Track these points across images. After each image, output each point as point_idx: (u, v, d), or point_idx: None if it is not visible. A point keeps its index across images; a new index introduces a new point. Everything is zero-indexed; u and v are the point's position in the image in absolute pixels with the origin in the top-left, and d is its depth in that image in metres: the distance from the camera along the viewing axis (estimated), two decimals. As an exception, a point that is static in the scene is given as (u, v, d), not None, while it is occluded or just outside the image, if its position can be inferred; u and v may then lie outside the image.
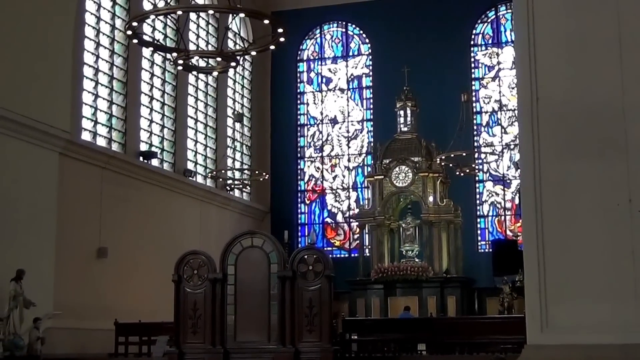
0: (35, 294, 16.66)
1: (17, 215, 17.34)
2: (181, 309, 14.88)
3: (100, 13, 22.25)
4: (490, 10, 29.24)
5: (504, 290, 21.98)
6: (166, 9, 14.69)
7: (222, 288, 14.72)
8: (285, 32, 12.81)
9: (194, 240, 21.06)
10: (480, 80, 29.43)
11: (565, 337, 5.89)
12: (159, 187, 23.62)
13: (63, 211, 18.93)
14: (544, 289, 6.04)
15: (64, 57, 19.37)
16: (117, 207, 21.24)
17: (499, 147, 28.69)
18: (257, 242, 14.91)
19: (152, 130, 24.42)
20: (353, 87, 30.76)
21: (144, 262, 21.30)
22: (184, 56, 13.81)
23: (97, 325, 18.47)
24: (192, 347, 14.69)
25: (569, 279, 6.01)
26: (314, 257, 14.64)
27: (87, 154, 20.51)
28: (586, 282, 5.98)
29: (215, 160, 27.79)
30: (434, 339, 17.19)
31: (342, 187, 30.29)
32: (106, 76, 22.41)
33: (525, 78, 6.33)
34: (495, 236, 28.03)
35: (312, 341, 14.15)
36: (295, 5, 29.61)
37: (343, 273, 22.58)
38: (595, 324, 5.86)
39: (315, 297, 14.28)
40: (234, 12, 13.77)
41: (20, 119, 17.50)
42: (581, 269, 6.00)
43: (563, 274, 6.03)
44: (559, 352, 5.87)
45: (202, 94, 27.58)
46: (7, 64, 17.35)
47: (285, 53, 28.24)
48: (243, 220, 27.75)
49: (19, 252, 16.95)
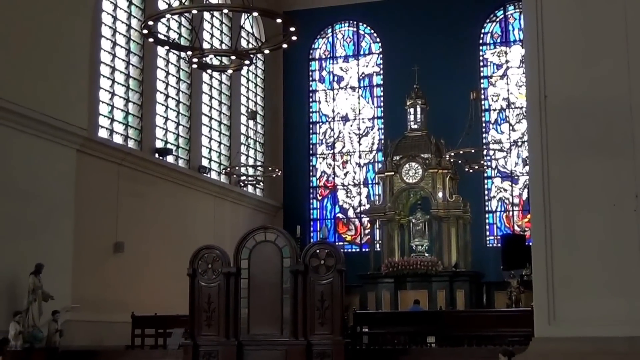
0: (54, 288, 16.75)
1: (36, 210, 17.41)
2: (196, 302, 14.93)
3: (116, 13, 22.31)
4: (499, 9, 29.19)
5: (512, 284, 21.94)
6: (181, 9, 14.70)
7: (236, 282, 14.76)
8: (297, 31, 12.81)
9: (208, 235, 21.10)
10: (489, 78, 29.38)
11: (572, 330, 5.90)
12: (174, 183, 23.68)
13: (81, 207, 19.00)
14: (552, 283, 6.04)
15: (81, 56, 19.44)
16: (133, 202, 21.31)
17: (507, 144, 28.65)
18: (270, 237, 14.95)
19: (167, 128, 24.48)
20: (364, 86, 30.75)
21: (160, 256, 21.36)
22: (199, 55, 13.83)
23: (114, 318, 18.55)
24: (207, 339, 14.74)
25: (576, 273, 6.01)
26: (325, 251, 14.66)
27: (104, 151, 20.58)
28: (593, 276, 5.98)
29: (229, 157, 27.82)
30: (443, 331, 17.18)
31: (354, 183, 30.30)
32: (122, 74, 22.47)
33: (534, 76, 6.33)
34: (504, 231, 27.98)
35: (324, 334, 14.17)
36: (307, 5, 29.62)
37: (354, 267, 22.60)
38: (602, 317, 5.86)
39: (327, 291, 14.30)
40: (248, 12, 13.77)
41: (39, 116, 17.57)
42: (588, 263, 6.00)
43: (570, 268, 6.03)
44: (567, 345, 5.87)
45: (217, 91, 27.63)
46: (25, 63, 17.42)
47: (298, 52, 28.27)
48: (256, 215, 27.78)
49: (37, 246, 17.03)
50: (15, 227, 16.73)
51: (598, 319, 5.88)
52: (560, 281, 6.04)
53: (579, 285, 6.02)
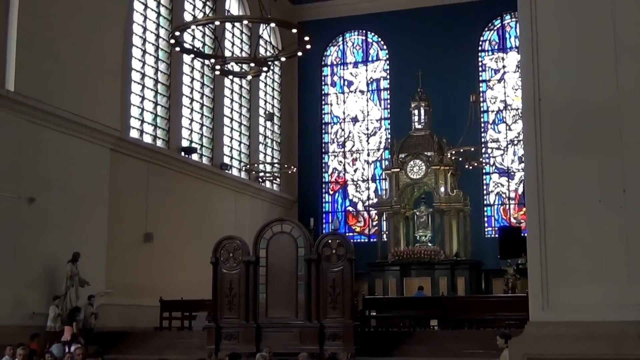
0: (90, 274, 16.86)
1: (73, 204, 17.50)
2: (218, 288, 14.98)
3: (146, 24, 22.34)
4: (496, 18, 29.06)
5: (509, 272, 21.85)
6: (205, 20, 14.70)
7: (255, 269, 14.80)
8: (311, 40, 12.79)
9: (229, 227, 21.12)
10: (487, 82, 29.27)
11: (565, 314, 5.85)
12: (199, 179, 23.73)
13: (114, 200, 19.08)
14: (546, 271, 6.00)
15: (114, 64, 19.50)
16: (162, 196, 21.37)
17: (504, 143, 28.55)
18: (286, 228, 14.98)
19: (192, 128, 24.51)
20: (372, 89, 30.70)
21: (185, 246, 21.41)
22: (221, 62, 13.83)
23: (144, 302, 18.62)
24: (228, 322, 14.79)
25: (568, 262, 5.96)
26: (337, 241, 14.68)
27: (135, 150, 20.64)
28: (584, 265, 5.93)
29: (248, 155, 27.85)
30: (445, 315, 17.15)
31: (362, 179, 30.27)
32: (152, 80, 22.51)
33: (529, 80, 6.28)
34: (501, 223, 27.89)
35: (335, 317, 14.19)
36: (320, 16, 29.60)
37: (363, 256, 22.55)
38: (592, 303, 5.81)
39: (338, 278, 14.31)
40: (266, 22, 13.77)
41: (77, 118, 17.68)
42: (579, 253, 5.95)
43: (563, 257, 5.98)
44: (559, 329, 5.83)
45: (237, 95, 27.64)
46: (65, 71, 17.51)
47: (311, 58, 28.23)
48: (273, 208, 27.79)
49: (74, 236, 17.12)
50: (55, 219, 16.84)
51: (588, 305, 5.83)
52: (553, 269, 6.00)
53: (570, 273, 5.97)
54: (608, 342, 5.67)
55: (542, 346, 5.89)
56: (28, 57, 16.47)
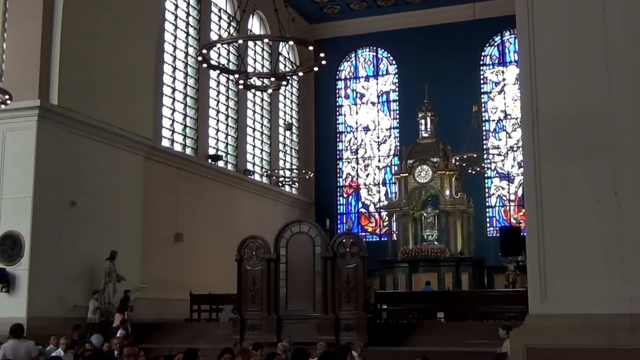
0: (126, 271, 16.92)
1: (111, 207, 17.59)
2: (242, 283, 15.00)
3: (176, 43, 22.47)
4: (496, 35, 28.97)
5: (509, 268, 21.73)
6: (229, 39, 14.73)
7: (276, 266, 14.80)
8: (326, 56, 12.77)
9: (252, 227, 21.15)
10: (488, 93, 29.18)
11: (561, 307, 5.81)
12: (224, 184, 23.80)
13: (147, 204, 19.16)
14: (544, 268, 5.96)
15: (147, 79, 19.60)
16: (191, 200, 21.44)
17: (505, 149, 28.44)
18: (304, 228, 14.99)
19: (218, 137, 24.60)
20: (382, 101, 30.69)
21: (212, 244, 21.46)
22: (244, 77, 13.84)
23: (175, 296, 18.66)
24: (252, 314, 14.80)
25: (564, 259, 5.92)
26: (350, 241, 14.66)
27: (166, 157, 20.72)
28: (579, 261, 5.89)
29: (269, 162, 27.90)
30: (450, 308, 17.07)
31: (374, 183, 30.25)
32: (181, 94, 22.62)
33: (527, 91, 6.25)
34: (502, 223, 27.76)
35: (350, 310, 14.17)
36: (334, 34, 29.65)
37: (375, 254, 22.51)
38: (587, 296, 5.76)
39: (352, 274, 14.29)
40: (285, 41, 13.77)
41: (113, 129, 17.77)
42: (575, 250, 5.91)
43: (559, 254, 5.94)
44: (557, 320, 5.79)
45: (259, 107, 27.71)
46: (103, 86, 17.61)
47: (326, 73, 28.27)
48: (292, 210, 27.81)
49: (112, 236, 17.20)
50: (94, 221, 16.92)
51: (584, 298, 5.79)
52: (550, 266, 5.96)
53: (566, 269, 5.93)
54: (602, 333, 5.63)
55: (540, 337, 5.85)
56: (70, 73, 16.57)
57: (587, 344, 5.67)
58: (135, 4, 18.43)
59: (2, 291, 15.38)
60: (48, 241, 15.77)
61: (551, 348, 5.80)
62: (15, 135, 15.96)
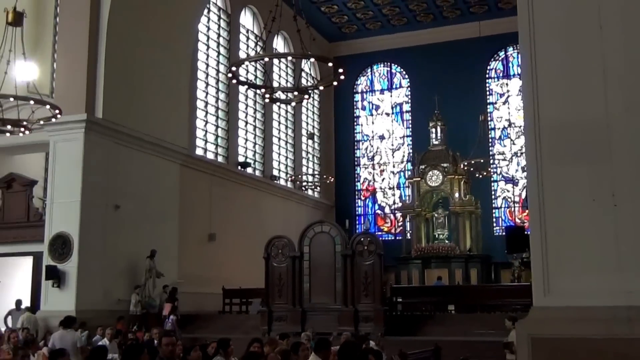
0: (164, 268, 17.02)
1: (151, 210, 17.72)
2: (270, 279, 15.04)
3: (208, 61, 22.61)
4: (500, 50, 28.77)
5: (515, 264, 21.55)
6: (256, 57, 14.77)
7: (300, 263, 14.83)
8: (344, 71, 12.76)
9: (278, 228, 21.19)
10: (494, 104, 28.97)
11: (563, 300, 5.76)
12: (253, 188, 23.87)
13: (183, 207, 19.26)
14: (546, 264, 5.91)
15: (182, 94, 19.72)
16: (222, 203, 21.52)
17: (509, 155, 28.22)
18: (325, 228, 15.00)
19: (247, 146, 24.69)
20: (396, 112, 30.60)
21: (242, 243, 21.50)
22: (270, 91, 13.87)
23: (209, 290, 18.71)
24: (278, 306, 14.83)
25: (566, 255, 5.87)
26: (368, 239, 14.65)
27: (200, 165, 20.83)
28: (579, 257, 5.83)
29: (293, 168, 27.93)
30: (460, 301, 16.98)
31: (389, 186, 30.15)
32: (213, 107, 22.75)
33: (530, 102, 6.22)
34: (507, 223, 27.52)
35: (368, 303, 14.15)
36: (352, 51, 29.66)
37: (390, 251, 22.39)
38: (587, 290, 5.71)
39: (369, 270, 14.27)
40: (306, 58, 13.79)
41: (152, 139, 17.89)
42: (575, 247, 5.86)
43: (561, 251, 5.89)
44: (559, 312, 5.74)
45: (284, 118, 27.78)
46: (142, 101, 17.75)
47: (345, 87, 28.25)
48: (314, 212, 27.82)
49: (152, 236, 17.31)
50: (136, 223, 17.04)
51: (584, 292, 5.73)
52: (553, 261, 5.91)
53: (568, 264, 5.87)
54: (601, 324, 5.57)
55: (544, 327, 5.81)
56: (113, 90, 16.73)
57: (588, 334, 5.61)
58: (171, 27, 18.56)
59: (53, 286, 15.55)
60: (94, 241, 15.92)
61: (554, 338, 5.75)
62: (65, 146, 16.15)
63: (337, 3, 26.99)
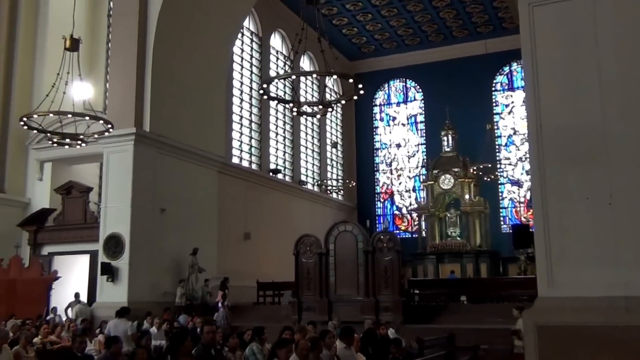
0: (205, 264, 17.09)
1: (193, 212, 17.83)
2: (299, 273, 15.06)
3: (242, 79, 22.77)
4: (505, 65, 28.52)
5: (521, 259, 21.30)
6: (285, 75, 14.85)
7: (326, 259, 14.82)
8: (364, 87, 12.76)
9: (306, 227, 21.19)
10: (500, 114, 28.70)
11: (565, 291, 5.70)
12: (283, 192, 23.93)
13: (221, 209, 19.35)
14: (550, 258, 5.85)
15: (220, 108, 19.83)
16: (256, 206, 21.60)
17: (514, 160, 27.93)
18: (349, 228, 14.98)
19: (277, 154, 24.78)
20: (411, 122, 30.47)
21: (275, 241, 21.54)
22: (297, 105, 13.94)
23: (245, 284, 18.75)
24: (307, 298, 14.84)
25: (567, 250, 5.81)
26: (387, 237, 14.60)
27: (236, 171, 20.93)
28: (580, 252, 5.77)
29: (319, 173, 27.97)
30: (472, 292, 16.81)
31: (405, 189, 30.02)
32: (247, 120, 22.89)
33: (532, 111, 6.18)
34: (513, 221, 27.21)
35: (387, 294, 14.09)
36: (370, 69, 29.67)
37: (407, 248, 22.34)
38: (587, 281, 5.64)
39: (388, 265, 14.22)
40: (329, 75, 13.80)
41: (193, 149, 18.00)
42: (576, 243, 5.79)
43: (563, 246, 5.83)
44: (561, 302, 5.68)
45: (310, 129, 27.84)
46: (184, 115, 17.90)
47: (365, 100, 28.28)
48: (338, 213, 27.80)
49: (194, 236, 17.41)
50: (179, 224, 17.16)
51: (584, 283, 5.66)
52: (555, 256, 5.85)
53: (569, 258, 5.81)
54: (601, 312, 5.50)
55: (548, 316, 5.75)
56: (158, 106, 16.88)
57: (588, 322, 5.55)
58: (209, 49, 18.72)
59: (107, 281, 15.73)
60: (143, 240, 16.06)
61: (558, 325, 5.69)
62: (116, 156, 16.33)
63: (356, 26, 27.02)
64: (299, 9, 11.40)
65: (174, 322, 13.11)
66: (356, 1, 24.81)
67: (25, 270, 16.48)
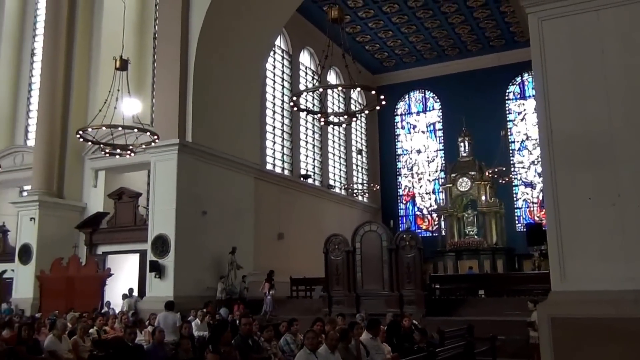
0: (243, 261, 17.20)
1: (231, 215, 17.96)
2: (329, 269, 15.05)
3: (275, 93, 22.92)
4: (517, 76, 28.15)
5: (535, 255, 20.92)
6: (313, 89, 14.96)
7: (353, 257, 14.79)
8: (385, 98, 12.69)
9: (334, 227, 21.18)
10: (513, 121, 28.32)
11: (577, 285, 5.62)
12: (313, 196, 23.98)
13: (257, 212, 19.46)
14: (562, 254, 5.77)
15: (254, 119, 19.95)
16: (289, 208, 21.68)
17: (527, 163, 27.52)
18: (374, 228, 14.94)
19: (307, 161, 24.85)
20: (430, 130, 30.28)
21: (306, 241, 21.56)
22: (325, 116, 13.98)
23: (279, 280, 18.64)
24: (336, 292, 14.82)
25: (578, 247, 5.72)
26: (409, 236, 14.51)
27: (270, 177, 21.05)
28: (590, 249, 5.67)
29: (346, 178, 27.95)
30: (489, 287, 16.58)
31: (426, 192, 29.81)
32: (279, 130, 23.02)
33: (543, 118, 6.11)
34: (527, 220, 26.79)
35: (410, 289, 14.00)
36: (392, 81, 29.59)
37: (428, 246, 22.09)
38: (598, 276, 5.55)
39: (411, 261, 14.13)
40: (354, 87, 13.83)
41: (231, 157, 18.16)
42: (586, 240, 5.70)
43: (574, 244, 5.74)
44: (573, 296, 5.60)
45: (337, 137, 27.86)
46: (222, 126, 18.07)
47: (387, 110, 28.18)
48: (364, 214, 27.73)
49: (232, 236, 17.54)
50: (220, 225, 17.29)
51: (595, 278, 5.57)
52: (567, 253, 5.76)
53: (580, 255, 5.72)
54: (611, 305, 5.40)
55: (561, 308, 5.67)
56: (199, 119, 17.08)
57: (599, 314, 5.46)
58: (244, 66, 18.88)
59: (155, 277, 15.94)
60: (187, 240, 16.23)
61: (570, 317, 5.61)
62: (162, 164, 16.57)
63: (378, 42, 26.99)
64: (326, 28, 11.45)
65: (216, 315, 13.21)
66: (378, 19, 24.80)
67: (82, 268, 16.83)
